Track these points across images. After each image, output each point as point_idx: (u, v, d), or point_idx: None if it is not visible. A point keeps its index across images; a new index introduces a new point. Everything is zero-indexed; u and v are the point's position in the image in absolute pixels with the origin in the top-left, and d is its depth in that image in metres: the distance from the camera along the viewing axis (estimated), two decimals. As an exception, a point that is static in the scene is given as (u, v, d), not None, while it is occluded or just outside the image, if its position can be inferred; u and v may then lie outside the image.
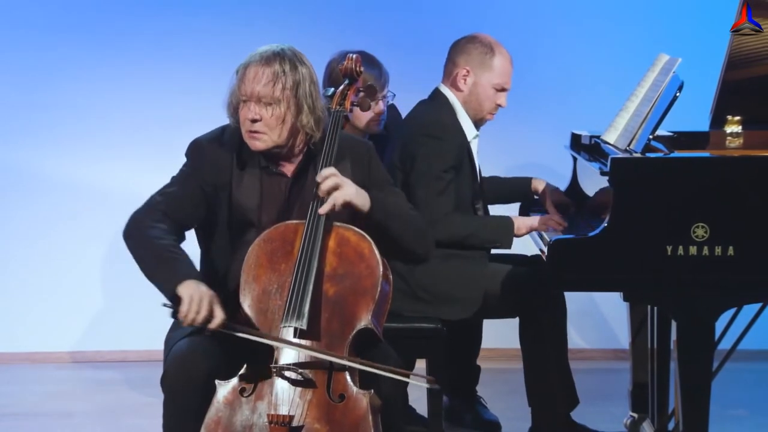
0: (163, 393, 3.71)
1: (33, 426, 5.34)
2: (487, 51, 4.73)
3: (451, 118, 4.71)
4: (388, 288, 3.73)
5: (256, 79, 3.77)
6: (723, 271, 4.01)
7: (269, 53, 3.80)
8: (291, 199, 3.87)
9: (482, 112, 4.77)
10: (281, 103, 3.78)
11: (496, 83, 4.74)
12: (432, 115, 4.71)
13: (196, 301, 3.61)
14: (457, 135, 4.69)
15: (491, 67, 4.73)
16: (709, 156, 4.48)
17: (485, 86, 4.73)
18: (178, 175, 3.91)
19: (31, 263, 6.32)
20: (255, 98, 3.77)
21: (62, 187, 6.31)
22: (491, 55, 4.73)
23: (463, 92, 4.74)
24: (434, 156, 4.61)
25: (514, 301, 4.68)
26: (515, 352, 4.82)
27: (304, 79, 3.80)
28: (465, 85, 4.73)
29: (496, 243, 4.71)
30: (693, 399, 4.06)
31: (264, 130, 3.79)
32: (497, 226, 4.71)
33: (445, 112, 4.72)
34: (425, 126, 4.67)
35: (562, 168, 5.27)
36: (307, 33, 6.15)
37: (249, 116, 3.78)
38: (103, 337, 6.34)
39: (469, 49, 4.74)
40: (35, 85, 6.29)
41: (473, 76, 4.73)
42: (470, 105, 4.75)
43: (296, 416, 3.57)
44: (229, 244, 3.87)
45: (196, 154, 3.90)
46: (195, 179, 3.86)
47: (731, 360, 4.67)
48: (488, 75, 4.73)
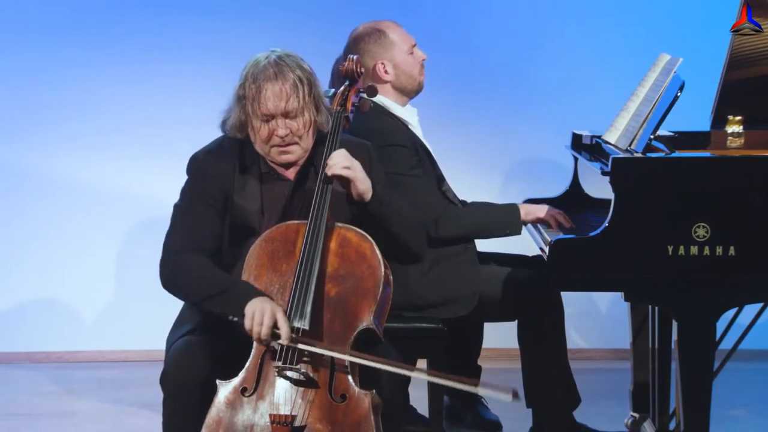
0: (163, 392, 3.71)
1: (33, 426, 5.34)
2: (378, 35, 4.71)
3: (388, 120, 4.67)
4: (389, 288, 3.74)
5: (280, 95, 3.75)
6: (724, 271, 4.01)
7: (275, 65, 3.78)
8: (293, 203, 3.87)
9: (416, 79, 4.74)
10: (306, 111, 3.79)
11: (406, 49, 4.72)
12: (371, 125, 4.55)
13: (258, 316, 3.60)
14: (403, 133, 4.65)
15: (392, 42, 4.70)
16: (710, 156, 4.48)
17: (402, 59, 4.70)
18: (184, 198, 3.88)
19: (32, 263, 6.32)
20: (282, 114, 3.77)
21: (63, 187, 6.30)
22: (383, 34, 4.71)
23: (391, 81, 4.71)
24: (395, 162, 4.56)
25: (514, 302, 4.67)
26: (516, 352, 4.82)
27: (313, 78, 3.82)
28: (388, 74, 4.71)
29: (506, 231, 4.70)
30: (694, 399, 4.06)
31: (296, 141, 3.80)
32: (505, 214, 4.70)
33: (381, 116, 4.65)
34: (371, 138, 4.55)
35: (562, 168, 5.26)
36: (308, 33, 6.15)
37: (280, 133, 3.77)
38: (103, 336, 6.33)
39: (363, 48, 4.71)
40: (35, 85, 6.28)
41: (388, 61, 4.71)
42: (403, 84, 4.71)
43: (298, 416, 3.57)
44: (230, 248, 3.86)
45: (196, 169, 3.89)
46: (201, 197, 3.84)
47: (732, 360, 4.67)
48: (396, 50, 4.70)
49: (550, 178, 5.08)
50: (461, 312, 4.64)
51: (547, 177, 5.08)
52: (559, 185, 5.04)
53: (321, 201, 3.72)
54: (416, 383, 4.81)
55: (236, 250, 3.84)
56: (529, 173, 6.20)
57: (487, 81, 6.26)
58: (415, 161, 4.61)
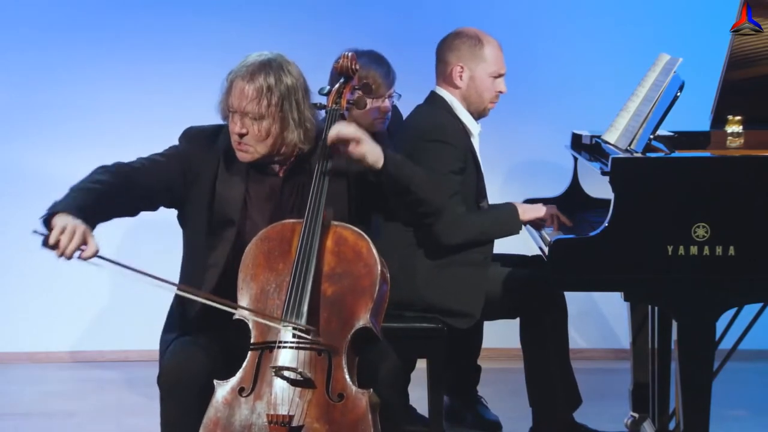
0: (160, 392, 3.71)
1: (33, 426, 5.34)
2: (475, 43, 4.72)
3: (451, 120, 4.70)
4: (386, 287, 3.73)
5: (243, 94, 3.77)
6: (724, 271, 4.00)
7: (255, 66, 3.79)
8: (284, 200, 3.87)
9: (484, 103, 4.76)
10: (266, 119, 3.78)
11: (491, 71, 4.73)
12: (432, 119, 4.69)
13: (69, 230, 3.60)
14: (460, 137, 4.67)
15: (483, 57, 4.72)
16: (710, 156, 4.48)
17: (482, 77, 4.72)
18: (166, 150, 3.92)
19: (32, 263, 6.31)
20: (241, 113, 3.78)
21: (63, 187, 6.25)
22: (480, 45, 4.72)
23: (461, 89, 4.73)
24: (439, 159, 4.58)
25: (514, 302, 4.67)
26: (516, 352, 4.82)
27: (290, 93, 3.79)
28: (462, 81, 4.72)
29: (508, 232, 4.71)
30: (694, 399, 4.06)
31: (251, 143, 3.80)
32: (505, 216, 4.70)
33: (445, 114, 4.70)
34: (426, 131, 4.65)
35: (562, 168, 5.26)
36: (308, 33, 6.15)
37: (236, 130, 3.80)
38: (104, 336, 6.33)
39: (457, 45, 4.73)
40: (35, 85, 6.29)
41: (468, 70, 4.72)
42: (471, 99, 4.74)
43: (296, 416, 3.56)
44: (206, 235, 3.86)
45: (187, 139, 3.93)
46: (178, 159, 3.87)
47: (732, 360, 4.67)
48: (483, 66, 4.72)
49: (550, 178, 5.08)
50: (461, 326, 4.64)
51: (547, 177, 5.07)
52: (559, 185, 5.04)
53: (317, 199, 3.72)
54: (416, 383, 4.82)
55: (213, 239, 3.84)
56: (529, 173, 6.20)
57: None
58: (457, 166, 4.61)
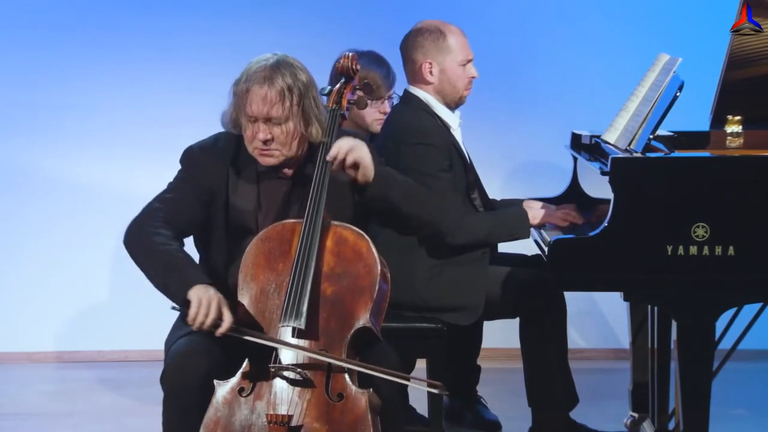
0: (163, 392, 3.72)
1: (33, 426, 5.34)
2: (438, 36, 4.71)
3: (429, 119, 4.67)
4: (386, 287, 3.73)
5: (265, 100, 3.75)
6: (723, 270, 4.00)
7: (268, 70, 3.77)
8: (291, 201, 3.87)
9: (459, 93, 4.74)
10: (291, 119, 3.78)
11: (460, 60, 4.72)
12: (410, 121, 4.64)
13: (204, 304, 3.61)
14: (440, 134, 4.65)
15: (449, 48, 4.71)
16: (709, 156, 4.47)
17: (452, 68, 4.71)
18: (174, 182, 3.91)
19: (32, 263, 6.32)
20: (264, 119, 3.77)
21: (63, 187, 6.31)
22: (443, 37, 4.71)
23: (434, 84, 4.71)
24: (425, 161, 4.57)
25: (514, 302, 4.67)
26: (516, 352, 4.82)
27: (308, 89, 3.80)
28: (432, 76, 4.71)
29: (516, 236, 4.71)
30: (693, 399, 4.06)
31: (276, 147, 3.80)
32: (514, 219, 4.70)
33: (422, 114, 4.67)
34: (407, 134, 4.61)
35: (562, 168, 5.26)
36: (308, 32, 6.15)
37: (260, 137, 3.78)
38: (104, 336, 6.33)
39: (420, 42, 4.71)
40: (35, 85, 6.29)
41: (437, 65, 4.70)
42: (445, 92, 4.72)
43: (295, 416, 3.56)
44: (226, 250, 3.87)
45: (189, 160, 3.90)
46: (191, 185, 3.86)
47: (731, 360, 4.67)
48: (450, 57, 4.71)
49: (550, 178, 5.08)
50: (469, 320, 4.64)
51: (546, 177, 5.07)
52: (558, 185, 5.04)
53: (317, 199, 3.72)
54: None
55: (233, 249, 3.84)
56: (528, 173, 6.20)
57: (487, 81, 6.25)
58: (445, 164, 4.61)
